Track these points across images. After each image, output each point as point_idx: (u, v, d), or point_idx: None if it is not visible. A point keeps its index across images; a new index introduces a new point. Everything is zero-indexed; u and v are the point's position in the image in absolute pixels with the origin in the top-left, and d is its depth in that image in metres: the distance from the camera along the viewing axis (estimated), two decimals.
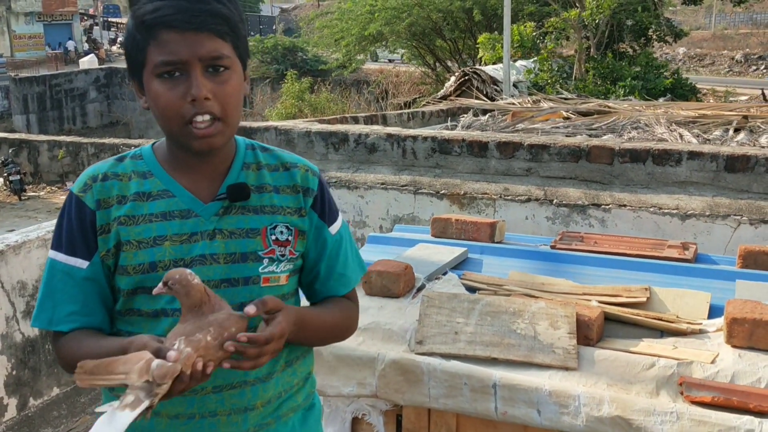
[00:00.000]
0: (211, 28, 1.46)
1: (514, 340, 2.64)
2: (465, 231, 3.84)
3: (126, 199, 1.55)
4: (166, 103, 1.47)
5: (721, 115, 7.89)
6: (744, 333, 2.51)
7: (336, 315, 1.71)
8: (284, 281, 1.63)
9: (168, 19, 1.44)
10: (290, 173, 1.66)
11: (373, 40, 23.76)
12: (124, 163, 1.60)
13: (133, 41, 1.50)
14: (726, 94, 23.87)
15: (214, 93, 1.47)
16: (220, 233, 1.55)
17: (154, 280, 1.47)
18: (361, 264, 1.81)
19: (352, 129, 5.59)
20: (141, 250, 1.52)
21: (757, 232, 4.05)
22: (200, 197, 1.57)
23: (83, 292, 1.55)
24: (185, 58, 1.45)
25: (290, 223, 1.62)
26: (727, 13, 48.22)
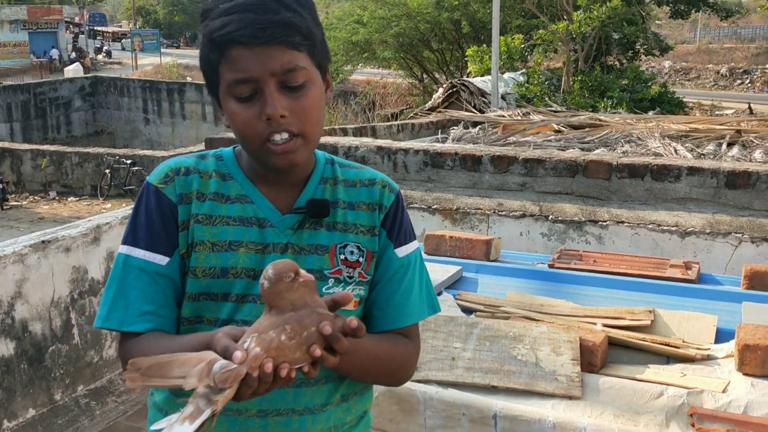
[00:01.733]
0: (281, 39, 1.36)
1: (514, 367, 2.51)
2: (459, 248, 3.72)
3: (205, 197, 1.47)
4: (242, 124, 1.39)
5: (712, 129, 7.83)
6: (757, 360, 2.40)
7: (390, 350, 1.53)
8: (352, 307, 1.49)
9: (235, 35, 1.35)
10: (369, 190, 1.56)
11: (360, 51, 23.69)
12: (207, 161, 1.53)
13: (206, 60, 1.43)
14: (712, 108, 24.01)
15: (290, 109, 1.38)
16: (291, 247, 1.47)
17: (222, 287, 1.42)
18: (432, 302, 1.63)
19: (341, 141, 5.46)
20: (214, 252, 1.44)
21: (759, 250, 3.95)
22: (278, 207, 1.49)
23: (160, 290, 1.44)
24: (257, 75, 1.36)
25: (362, 243, 1.52)
26: (712, 28, 48.64)
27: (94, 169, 14.36)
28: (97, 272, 4.25)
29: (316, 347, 1.21)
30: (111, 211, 7.68)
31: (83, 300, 4.18)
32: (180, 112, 25.75)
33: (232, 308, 1.44)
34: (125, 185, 13.78)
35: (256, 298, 1.43)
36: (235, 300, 1.44)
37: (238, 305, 1.44)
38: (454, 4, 22.26)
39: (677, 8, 22.55)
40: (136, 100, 26.67)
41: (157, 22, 66.72)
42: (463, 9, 22.29)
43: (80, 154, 14.69)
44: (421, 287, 1.60)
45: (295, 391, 1.44)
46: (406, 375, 1.60)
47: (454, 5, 22.24)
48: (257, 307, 1.42)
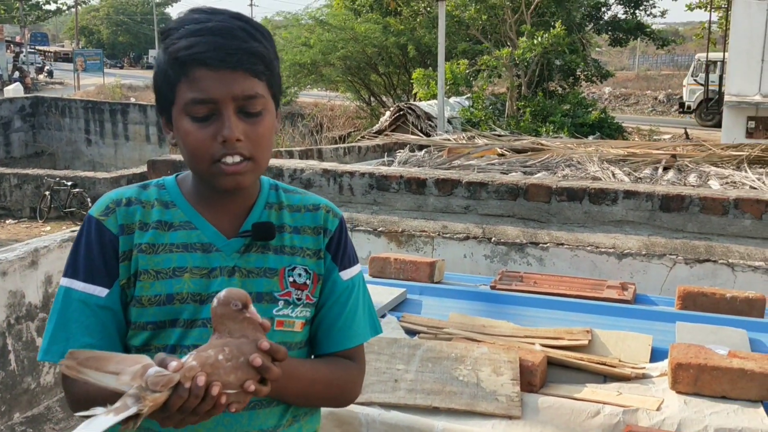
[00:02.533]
0: (246, 67, 1.41)
1: (456, 388, 2.54)
2: (404, 270, 3.75)
3: (148, 227, 1.49)
4: (195, 143, 1.42)
5: (649, 153, 8.06)
6: (689, 379, 2.48)
7: (329, 374, 1.56)
8: (299, 328, 1.54)
9: (202, 56, 1.39)
10: (313, 215, 1.60)
11: (307, 72, 23.73)
12: (148, 190, 1.54)
13: (164, 77, 1.44)
14: (650, 133, 24.65)
15: (246, 134, 1.42)
16: (239, 271, 1.49)
17: (169, 313, 1.44)
18: (374, 324, 1.67)
19: (286, 164, 5.46)
20: (159, 280, 1.45)
21: (693, 271, 4.08)
22: (223, 232, 1.51)
23: (101, 323, 1.45)
24: (218, 97, 1.40)
25: (309, 266, 1.55)
26: (650, 55, 50.14)
27: (34, 190, 14.03)
28: (34, 297, 4.16)
29: (251, 383, 1.25)
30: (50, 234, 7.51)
31: (20, 325, 4.08)
32: (123, 133, 25.35)
33: (180, 333, 1.45)
34: (66, 207, 13.48)
35: (206, 322, 1.45)
36: (183, 325, 1.46)
37: (187, 330, 1.46)
38: (401, 29, 22.50)
39: (616, 36, 23.20)
40: (78, 120, 26.16)
41: (100, 42, 65.87)
42: (410, 34, 22.54)
43: (19, 176, 14.35)
44: (364, 309, 1.65)
45: (248, 414, 1.47)
46: (351, 396, 1.63)
47: (401, 30, 22.48)
48: (207, 331, 1.43)
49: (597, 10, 22.64)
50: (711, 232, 4.24)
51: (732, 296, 3.29)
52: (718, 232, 4.23)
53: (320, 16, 25.22)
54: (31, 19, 49.49)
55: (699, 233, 4.25)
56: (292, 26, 25.42)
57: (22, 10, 46.33)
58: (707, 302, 3.28)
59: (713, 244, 4.17)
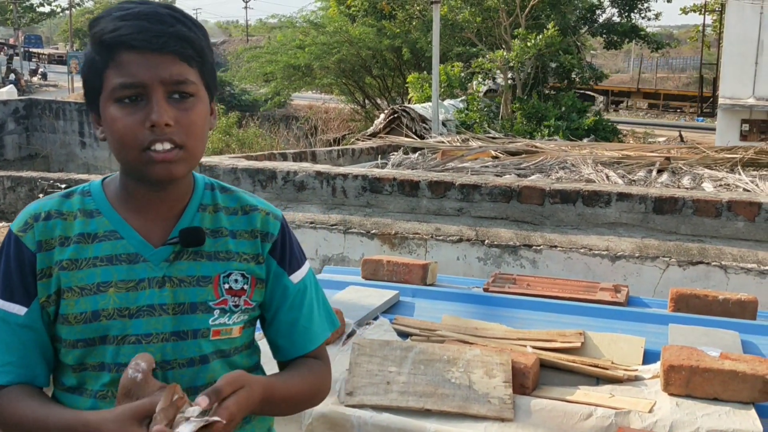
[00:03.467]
0: (174, 50, 1.36)
1: (448, 390, 2.54)
2: (396, 273, 3.74)
3: (69, 241, 1.42)
4: (123, 129, 1.36)
5: (644, 156, 8.07)
6: (681, 381, 2.47)
7: (306, 381, 1.55)
8: (237, 333, 1.50)
9: (127, 38, 1.34)
10: (249, 217, 1.54)
11: (302, 75, 23.72)
12: (71, 200, 1.47)
13: (91, 64, 1.39)
14: (645, 136, 24.71)
15: (176, 120, 1.36)
16: (169, 281, 1.43)
17: (97, 330, 1.39)
18: (331, 318, 1.66)
19: (280, 166, 5.45)
20: (83, 297, 1.40)
21: (686, 273, 4.08)
22: (150, 240, 1.44)
23: (20, 341, 1.41)
24: (146, 81, 1.34)
25: (246, 270, 1.50)
26: (645, 58, 50.23)
27: (27, 193, 13.99)
28: None
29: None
30: None
31: None
32: None
33: (113, 351, 1.41)
34: None
35: (139, 338, 1.41)
36: (114, 342, 1.41)
37: (119, 347, 1.41)
38: (395, 32, 22.51)
39: (611, 39, 23.24)
40: (72, 123, 26.10)
41: None
42: (404, 37, 22.56)
43: (13, 178, 14.30)
44: (320, 307, 1.62)
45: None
46: (323, 396, 1.63)
47: (395, 33, 22.49)
48: (140, 347, 1.41)
49: (591, 13, 22.69)
50: (704, 235, 4.24)
51: (724, 298, 3.29)
52: (711, 234, 4.23)
53: (315, 19, 25.24)
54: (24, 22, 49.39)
55: (692, 235, 4.25)
56: (287, 28, 25.42)
57: (16, 13, 46.24)
58: (700, 304, 3.28)
59: (706, 247, 4.18)
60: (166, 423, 1.19)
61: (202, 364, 1.46)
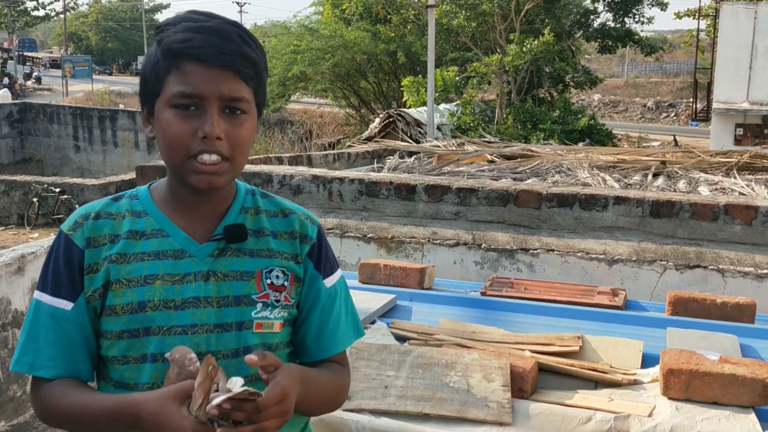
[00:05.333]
0: (237, 68, 1.44)
1: (446, 394, 2.52)
2: (393, 277, 3.73)
3: (118, 238, 1.50)
4: (175, 134, 1.43)
5: (639, 160, 8.07)
6: (680, 384, 2.46)
7: (332, 379, 1.62)
8: (278, 329, 1.56)
9: (197, 51, 1.42)
10: (288, 220, 1.61)
11: (296, 81, 23.70)
12: (120, 202, 1.56)
13: (154, 67, 1.46)
14: (639, 140, 24.79)
15: (227, 134, 1.44)
16: (214, 275, 1.50)
17: (143, 321, 1.45)
18: (357, 327, 1.71)
19: (276, 170, 5.44)
20: (130, 289, 1.47)
21: (683, 277, 4.08)
22: (195, 237, 1.52)
23: (66, 336, 1.48)
24: (205, 93, 1.42)
25: (287, 268, 1.57)
26: (639, 62, 50.41)
27: (22, 197, 13.96)
28: (21, 303, 4.11)
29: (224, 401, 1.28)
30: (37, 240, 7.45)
31: (6, 332, 4.04)
32: (112, 140, 25.25)
33: (158, 342, 1.46)
34: (54, 214, 13.41)
35: (185, 329, 1.46)
36: (159, 333, 1.46)
37: (164, 338, 1.46)
38: (390, 36, 22.52)
39: (605, 44, 23.30)
40: (66, 127, 26.05)
41: (89, 48, 65.64)
42: (399, 41, 22.57)
43: (7, 182, 14.27)
44: (348, 314, 1.68)
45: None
46: (343, 399, 1.68)
47: (390, 37, 22.50)
48: (186, 338, 1.46)
49: (586, 18, 22.74)
50: (701, 238, 4.24)
51: (723, 302, 3.28)
52: (709, 238, 4.23)
53: (309, 24, 25.23)
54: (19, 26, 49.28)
55: (689, 239, 4.25)
56: (282, 34, 25.38)
57: (10, 16, 46.15)
58: (698, 308, 3.28)
59: (703, 250, 4.17)
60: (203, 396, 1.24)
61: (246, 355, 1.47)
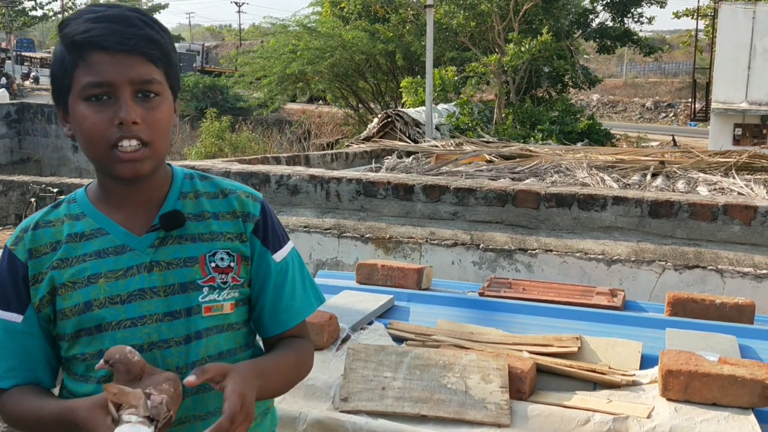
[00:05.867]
0: (143, 51, 1.44)
1: (444, 396, 2.51)
2: (391, 277, 3.71)
3: (60, 244, 1.51)
4: (91, 126, 1.43)
5: (638, 160, 8.07)
6: (679, 386, 2.45)
7: (290, 358, 1.62)
8: (229, 309, 1.56)
9: (99, 39, 1.41)
10: (228, 199, 1.61)
11: (295, 80, 23.67)
12: (59, 209, 1.57)
13: (61, 64, 1.46)
14: (638, 140, 24.79)
15: (143, 118, 1.43)
16: (157, 265, 1.51)
17: (92, 319, 1.47)
18: (316, 294, 1.72)
19: (273, 170, 5.42)
20: (75, 290, 1.48)
21: (682, 277, 4.06)
22: (134, 231, 1.52)
23: (21, 347, 1.51)
24: (115, 81, 1.42)
25: (231, 248, 1.57)
26: (638, 63, 50.38)
27: (19, 197, 13.91)
28: None
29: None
30: None
31: None
32: None
33: (111, 337, 1.48)
34: None
35: (134, 321, 1.48)
36: (110, 328, 1.48)
37: (116, 332, 1.48)
38: (389, 36, 22.50)
39: (604, 43, 23.28)
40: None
41: None
42: (398, 41, 22.54)
43: (4, 182, 14.22)
44: (304, 283, 1.68)
45: (194, 399, 1.50)
46: (307, 370, 1.69)
47: (389, 37, 22.48)
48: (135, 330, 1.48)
49: (585, 18, 22.73)
50: (700, 238, 4.22)
51: (721, 302, 3.27)
52: (707, 238, 4.21)
53: (308, 23, 25.20)
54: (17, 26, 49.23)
55: (688, 239, 4.24)
56: (280, 33, 25.35)
57: (8, 16, 46.10)
58: (697, 308, 3.26)
59: (702, 251, 4.16)
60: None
61: (197, 340, 1.52)
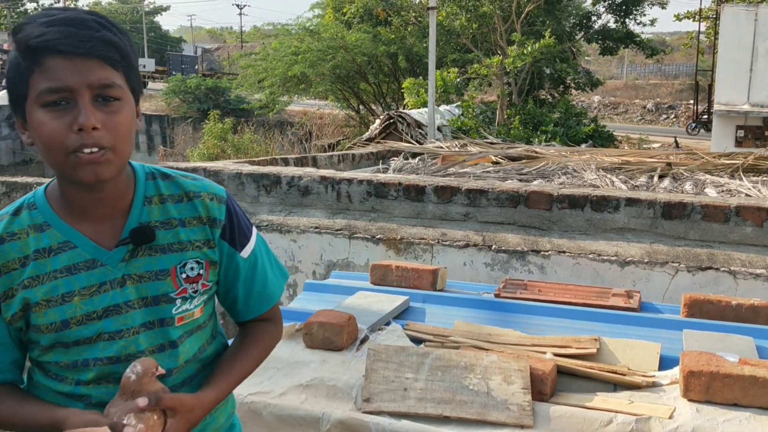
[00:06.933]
0: (101, 54, 1.38)
1: (466, 397, 2.51)
2: (406, 278, 3.72)
3: (28, 259, 1.46)
4: (50, 133, 1.36)
5: (644, 162, 8.07)
6: (701, 386, 2.45)
7: (255, 356, 1.66)
8: (198, 314, 1.59)
9: (54, 43, 1.35)
10: (193, 203, 1.57)
11: (297, 82, 23.68)
12: (20, 216, 1.49)
13: (17, 70, 1.39)
14: (640, 142, 24.78)
15: (103, 123, 1.38)
16: (129, 279, 1.49)
17: (70, 336, 1.46)
18: (282, 272, 1.75)
19: (284, 171, 5.42)
20: (50, 309, 1.46)
21: (695, 279, 4.06)
22: (103, 244, 1.49)
23: None
24: (73, 85, 1.35)
25: (201, 256, 1.56)
26: (638, 64, 50.40)
27: None
28: None
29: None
30: None
31: None
32: None
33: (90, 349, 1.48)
34: None
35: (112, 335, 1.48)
36: (90, 342, 1.47)
37: (95, 345, 1.48)
38: (391, 38, 22.51)
39: (606, 45, 23.29)
40: None
41: None
42: (400, 42, 22.56)
43: (7, 183, 14.20)
44: (272, 268, 1.71)
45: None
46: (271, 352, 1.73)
47: (391, 39, 22.49)
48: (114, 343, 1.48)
49: (587, 19, 22.74)
50: (712, 240, 4.23)
51: (738, 303, 3.27)
52: (720, 239, 4.22)
53: (310, 26, 25.21)
54: None
55: (701, 241, 4.24)
56: (282, 36, 25.37)
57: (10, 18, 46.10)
58: (713, 310, 3.27)
59: (715, 252, 4.16)
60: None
61: (172, 349, 1.54)
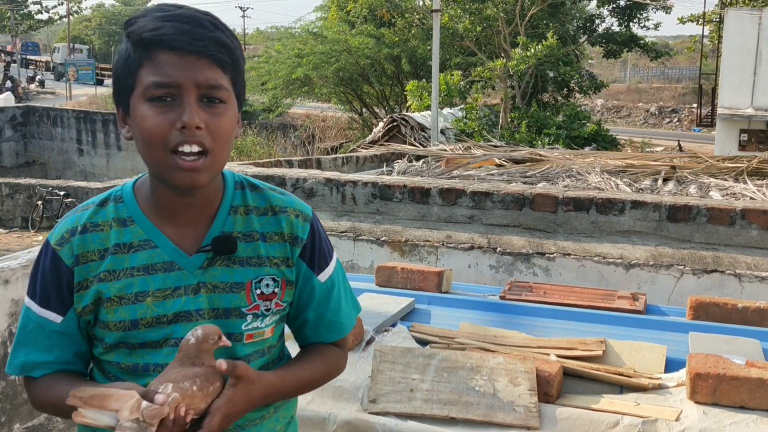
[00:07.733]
0: (212, 54, 1.36)
1: (472, 398, 2.51)
2: (411, 280, 3.72)
3: (107, 252, 1.45)
4: (152, 128, 1.35)
5: (648, 165, 8.07)
6: (708, 389, 2.45)
7: (318, 368, 1.59)
8: (269, 334, 1.53)
9: (168, 38, 1.34)
10: (278, 219, 1.52)
11: (300, 85, 23.71)
12: (106, 208, 1.48)
13: (126, 62, 1.38)
14: (643, 145, 24.76)
15: (206, 124, 1.36)
16: (204, 287, 1.46)
17: (137, 337, 1.43)
18: (356, 305, 1.69)
19: (289, 173, 5.43)
20: (122, 306, 1.43)
21: (700, 282, 4.06)
22: (184, 248, 1.46)
23: (56, 345, 1.47)
24: (181, 82, 1.34)
25: (277, 274, 1.51)
26: (641, 68, 50.39)
27: (26, 200, 13.94)
28: None
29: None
30: None
31: None
32: (115, 143, 25.22)
33: (151, 353, 1.45)
34: (58, 217, 13.38)
35: (177, 341, 1.43)
36: (153, 346, 1.45)
37: (158, 350, 1.45)
38: (394, 40, 22.54)
39: (609, 48, 23.30)
40: (69, 130, 26.04)
41: (92, 51, 65.64)
42: (403, 45, 22.59)
43: (11, 185, 14.25)
44: (347, 299, 1.65)
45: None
46: (335, 376, 1.66)
47: (394, 41, 22.52)
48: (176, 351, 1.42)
49: (591, 23, 22.76)
50: (718, 243, 4.23)
51: (743, 306, 3.27)
52: (725, 242, 4.21)
53: (313, 28, 25.25)
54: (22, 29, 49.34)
55: (706, 243, 4.24)
56: (285, 38, 25.41)
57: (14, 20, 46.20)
58: (719, 312, 3.27)
59: (720, 255, 4.16)
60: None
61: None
